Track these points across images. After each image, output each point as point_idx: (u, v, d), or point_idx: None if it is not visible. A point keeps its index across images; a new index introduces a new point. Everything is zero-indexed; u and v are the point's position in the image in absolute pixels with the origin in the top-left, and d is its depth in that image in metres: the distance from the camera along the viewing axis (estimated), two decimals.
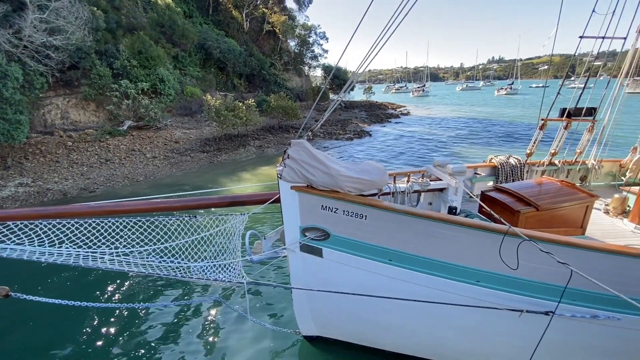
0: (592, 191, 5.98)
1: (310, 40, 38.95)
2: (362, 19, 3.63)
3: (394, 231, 3.33)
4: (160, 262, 3.62)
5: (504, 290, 3.25)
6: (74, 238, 3.35)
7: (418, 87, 79.03)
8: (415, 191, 4.13)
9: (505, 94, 66.44)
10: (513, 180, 6.09)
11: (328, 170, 3.22)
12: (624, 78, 6.43)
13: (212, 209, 5.22)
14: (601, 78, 7.36)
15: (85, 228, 3.40)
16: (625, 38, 5.90)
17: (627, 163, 6.65)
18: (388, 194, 4.03)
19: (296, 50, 38.42)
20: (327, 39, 39.21)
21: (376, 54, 3.66)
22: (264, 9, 34.62)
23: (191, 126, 20.72)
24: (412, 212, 3.15)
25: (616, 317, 3.14)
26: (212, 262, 3.72)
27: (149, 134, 17.78)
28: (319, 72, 43.09)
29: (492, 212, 3.60)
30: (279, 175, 3.34)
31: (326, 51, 39.61)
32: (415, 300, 3.36)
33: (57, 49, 13.76)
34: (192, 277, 3.59)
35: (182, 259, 3.69)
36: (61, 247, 3.28)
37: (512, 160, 6.26)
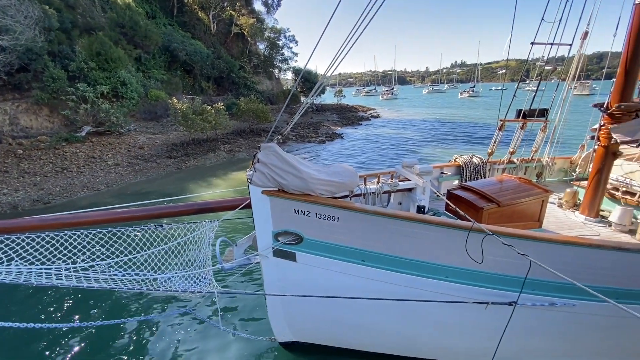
0: (547, 186, 6.42)
1: (280, 43, 38.87)
2: (328, 23, 3.65)
3: (366, 232, 3.37)
4: (123, 275, 3.42)
5: (471, 285, 3.39)
6: (24, 254, 3.08)
7: (387, 90, 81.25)
8: (385, 192, 4.22)
9: (468, 97, 69.91)
10: (477, 179, 6.40)
11: (299, 174, 3.20)
12: (572, 81, 7.00)
13: (180, 217, 5.03)
14: (552, 81, 7.93)
15: (38, 243, 3.14)
16: (570, 44, 6.43)
17: (576, 160, 7.22)
18: (359, 195, 4.08)
19: (265, 53, 38.15)
20: (296, 42, 39.33)
21: (343, 57, 3.70)
22: (231, 11, 34.07)
23: (157, 131, 19.88)
24: (382, 213, 3.21)
25: (571, 303, 3.37)
26: (180, 272, 3.57)
27: (111, 140, 16.84)
28: (289, 75, 43.10)
29: (457, 209, 3.75)
30: (249, 180, 3.28)
31: (296, 54, 39.74)
32: (389, 299, 3.42)
33: (4, 50, 12.69)
34: (159, 290, 3.42)
35: (148, 271, 3.51)
36: (10, 264, 3.00)
37: (475, 160, 6.58)
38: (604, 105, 4.84)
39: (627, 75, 4.64)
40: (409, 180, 4.39)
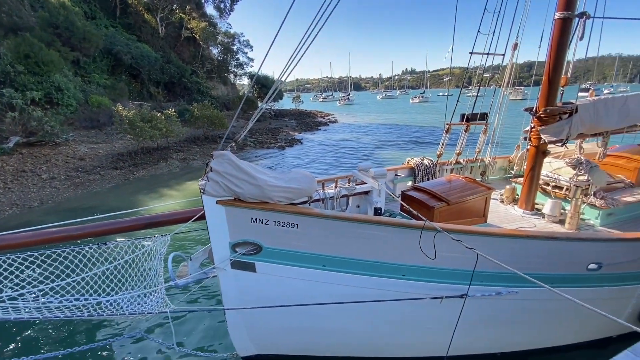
0: (490, 184, 6.97)
1: (234, 48, 38.10)
2: (280, 26, 3.64)
3: (326, 237, 3.38)
4: (61, 302, 3.07)
5: (426, 281, 3.55)
6: None
7: (344, 96, 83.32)
8: (343, 196, 4.29)
9: (418, 102, 74.03)
10: (428, 179, 6.76)
11: (255, 181, 3.13)
12: (507, 87, 7.71)
13: (128, 233, 4.65)
14: (491, 87, 8.68)
15: None
16: (504, 54, 7.10)
17: (513, 159, 7.94)
18: (318, 200, 4.10)
19: (219, 58, 37.15)
20: (251, 47, 38.81)
21: (298, 62, 3.69)
22: (181, 14, 32.72)
23: (100, 140, 18.34)
24: (341, 217, 3.25)
25: (515, 291, 3.67)
26: (128, 293, 3.29)
27: (45, 151, 15.18)
28: (246, 81, 42.35)
29: (411, 209, 3.92)
30: (202, 190, 3.14)
31: (252, 60, 39.18)
32: (350, 302, 3.46)
33: None
34: (103, 314, 3.12)
35: (91, 295, 3.19)
36: None
37: (425, 161, 6.96)
38: (533, 110, 5.40)
39: (550, 82, 5.22)
40: (365, 183, 4.50)
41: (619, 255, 3.77)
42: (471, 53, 6.86)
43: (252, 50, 39.17)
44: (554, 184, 5.88)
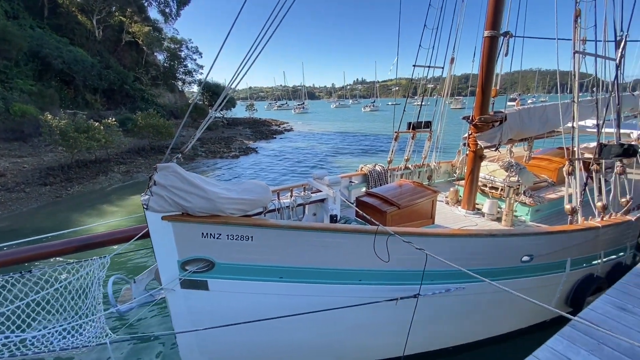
0: (436, 187, 7.44)
1: (182, 54, 36.50)
2: (229, 32, 3.54)
3: (283, 247, 3.33)
4: None
5: (382, 284, 3.65)
6: None
7: (299, 105, 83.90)
8: (299, 205, 4.27)
9: (370, 111, 77.13)
10: (380, 185, 7.02)
11: (205, 194, 2.98)
12: (447, 97, 8.35)
13: (59, 258, 4.15)
14: (434, 97, 9.35)
15: None
16: (443, 67, 7.72)
17: (456, 163, 8.60)
18: (274, 210, 4.04)
19: (166, 65, 35.31)
20: (200, 54, 37.48)
21: (249, 68, 3.61)
22: (120, 17, 30.60)
23: (25, 153, 16.25)
24: (297, 227, 3.22)
25: (462, 287, 3.92)
26: (60, 325, 2.91)
27: None
28: (195, 88, 40.69)
29: (365, 215, 4.03)
30: (145, 206, 2.91)
31: (201, 67, 37.75)
32: (309, 313, 3.42)
33: None
34: (28, 353, 2.72)
35: (12, 331, 2.78)
36: None
37: (377, 168, 7.24)
38: (470, 118, 5.91)
39: (483, 94, 5.77)
40: (320, 191, 4.53)
41: (546, 247, 4.22)
42: (414, 66, 7.35)
43: (201, 57, 37.86)
44: (490, 185, 6.46)
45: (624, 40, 4.89)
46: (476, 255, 3.87)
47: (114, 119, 17.62)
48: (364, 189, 7.01)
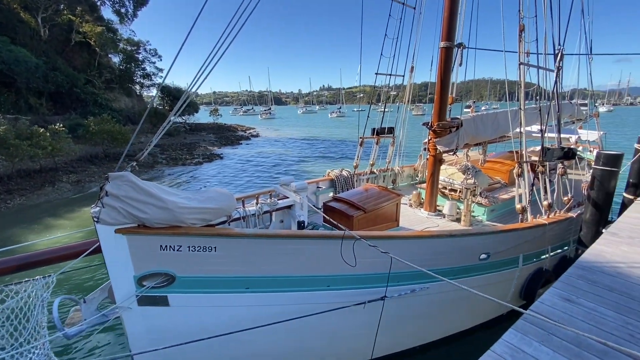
0: (400, 191, 7.67)
1: (140, 57, 34.70)
2: (187, 35, 3.41)
3: (248, 257, 3.23)
4: None
5: (349, 288, 3.67)
6: None
7: (265, 110, 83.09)
8: (265, 212, 4.19)
9: (336, 117, 78.28)
10: (347, 189, 7.11)
11: (164, 204, 2.82)
12: (408, 104, 8.69)
13: None
14: (396, 104, 9.69)
15: None
16: (403, 75, 8.03)
17: (418, 167, 8.95)
18: (239, 219, 3.92)
19: (121, 67, 33.36)
20: (160, 57, 35.86)
21: (209, 73, 3.49)
22: (70, 16, 28.50)
23: None
24: (263, 235, 3.15)
25: (427, 287, 4.05)
26: None
27: None
28: (154, 92, 38.80)
29: (332, 220, 4.04)
30: (96, 219, 2.69)
31: (160, 70, 36.05)
32: (278, 322, 3.34)
33: None
34: None
35: None
36: None
37: (344, 173, 7.33)
38: (429, 124, 6.19)
39: (441, 101, 6.08)
40: (287, 198, 4.49)
41: (501, 245, 4.50)
42: (376, 74, 7.58)
43: (161, 60, 36.19)
44: (450, 187, 6.78)
45: (561, 53, 5.40)
46: (438, 255, 4.02)
47: (62, 125, 16.27)
48: (331, 194, 7.05)
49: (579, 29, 8.83)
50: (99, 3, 32.24)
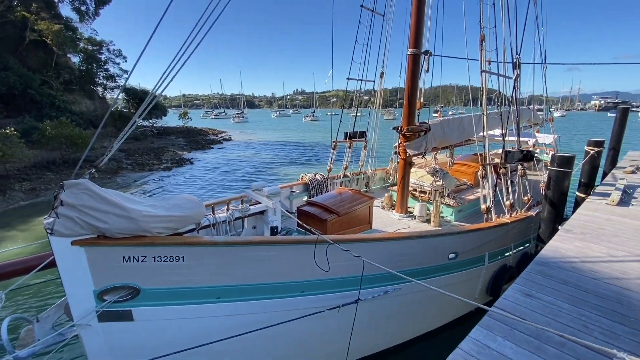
0: (373, 193, 7.80)
1: (102, 57, 32.96)
2: (152, 35, 3.27)
3: (219, 266, 3.13)
4: None
5: (324, 293, 3.66)
6: None
7: (238, 114, 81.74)
8: (237, 218, 4.09)
9: (310, 120, 78.46)
10: (321, 193, 7.13)
11: (126, 213, 2.67)
12: (379, 109, 8.88)
13: None
14: (368, 108, 9.86)
15: None
16: (373, 81, 8.21)
17: (389, 170, 9.15)
18: (208, 226, 3.80)
19: (82, 68, 31.51)
20: (124, 57, 34.29)
21: (175, 75, 3.36)
22: (24, 12, 26.57)
23: None
24: (233, 242, 3.06)
25: (399, 287, 4.12)
26: None
27: None
28: (120, 95, 36.91)
29: (305, 224, 4.02)
30: (49, 230, 2.49)
31: (125, 71, 34.41)
32: (251, 332, 3.26)
33: None
34: None
35: None
36: None
37: (318, 177, 7.35)
38: (399, 129, 6.35)
39: (409, 106, 6.26)
40: (260, 203, 4.41)
41: (468, 244, 4.69)
42: (348, 79, 7.69)
43: (125, 61, 34.57)
44: (419, 189, 6.99)
45: (518, 62, 5.76)
46: (409, 256, 4.11)
47: (13, 129, 15.05)
48: (305, 198, 7.03)
49: (535, 39, 9.49)
50: (56, 0, 30.34)
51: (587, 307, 2.28)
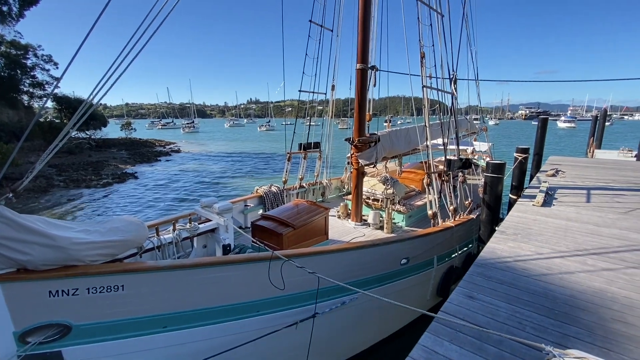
0: (329, 203, 7.89)
1: (29, 63, 29.56)
2: (86, 37, 2.98)
3: (165, 291, 2.91)
4: None
5: (280, 310, 3.57)
6: None
7: (188, 123, 78.19)
8: (185, 238, 3.86)
9: (265, 130, 77.70)
10: (277, 206, 7.03)
11: (52, 241, 2.38)
12: (332, 119, 9.08)
13: None
14: (323, 117, 10.02)
15: None
16: (325, 93, 8.40)
17: (344, 179, 9.35)
18: (153, 249, 3.53)
19: (3, 74, 27.95)
20: (55, 64, 31.11)
21: (116, 81, 3.08)
22: None
23: None
24: (179, 265, 2.88)
25: (355, 297, 4.18)
26: None
27: None
28: (50, 104, 33.28)
29: (260, 239, 3.92)
30: None
31: (56, 79, 31.20)
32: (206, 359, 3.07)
33: None
34: None
35: None
36: None
37: (273, 189, 7.25)
38: (351, 140, 6.55)
39: (359, 118, 6.49)
40: (210, 220, 4.21)
41: (418, 249, 4.93)
42: (300, 91, 7.78)
43: (57, 67, 31.40)
44: (372, 197, 7.23)
45: (455, 78, 6.29)
46: (364, 265, 4.20)
47: None
48: (260, 211, 6.88)
49: (468, 57, 10.47)
50: None
51: (521, 304, 2.52)
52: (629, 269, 3.10)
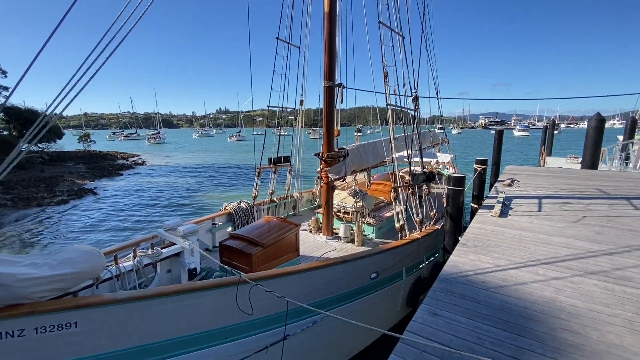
0: (301, 217, 7.88)
1: None
2: (43, 47, 2.79)
3: (125, 325, 2.75)
4: None
5: (250, 335, 3.49)
6: None
7: (153, 134, 75.10)
8: (147, 265, 3.68)
9: (236, 140, 76.39)
10: (247, 222, 6.91)
11: None
12: (302, 134, 9.14)
13: None
14: (294, 127, 10.04)
15: None
16: (295, 108, 8.46)
17: (315, 192, 9.39)
18: (111, 278, 3.33)
19: None
20: (4, 72, 28.84)
21: (79, 92, 2.89)
22: None
23: None
24: (140, 296, 2.74)
25: (326, 314, 4.16)
26: None
27: None
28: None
29: (229, 260, 3.81)
30: None
31: (6, 88, 28.89)
32: None
33: None
34: None
35: None
36: None
37: (243, 205, 7.13)
38: (320, 154, 6.63)
39: (328, 133, 6.60)
40: (174, 244, 4.05)
41: (387, 262, 5.03)
42: (268, 106, 7.79)
43: (5, 76, 29.10)
44: (343, 210, 7.32)
45: (416, 96, 6.60)
46: (334, 282, 4.22)
47: None
48: (230, 229, 6.72)
49: (429, 73, 11.04)
50: None
51: (480, 318, 2.64)
52: (575, 277, 3.36)
